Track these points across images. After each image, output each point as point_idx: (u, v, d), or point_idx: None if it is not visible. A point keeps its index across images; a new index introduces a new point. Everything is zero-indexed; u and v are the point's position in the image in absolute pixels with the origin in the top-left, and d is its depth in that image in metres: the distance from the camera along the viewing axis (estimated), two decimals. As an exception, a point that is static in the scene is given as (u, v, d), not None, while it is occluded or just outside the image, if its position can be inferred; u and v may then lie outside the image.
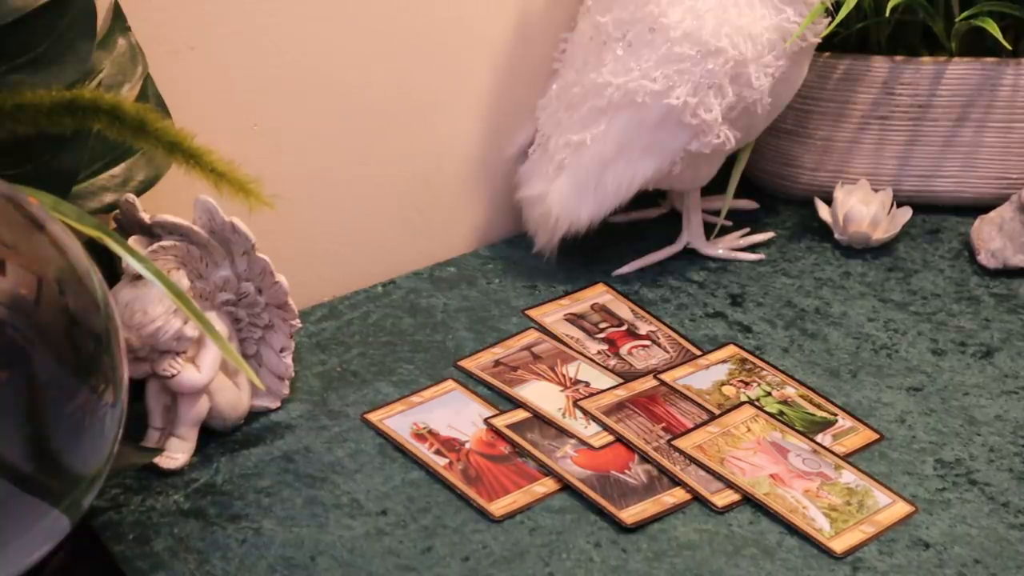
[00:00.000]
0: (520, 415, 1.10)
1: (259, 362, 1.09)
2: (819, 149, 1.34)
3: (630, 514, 1.00)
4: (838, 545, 0.97)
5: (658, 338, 1.19)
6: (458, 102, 1.27)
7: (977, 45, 1.31)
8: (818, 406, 1.11)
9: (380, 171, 1.24)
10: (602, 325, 1.20)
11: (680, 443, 1.06)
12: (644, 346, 1.18)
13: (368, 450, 1.07)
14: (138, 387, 1.04)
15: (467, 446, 1.07)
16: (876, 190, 1.31)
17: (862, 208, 1.28)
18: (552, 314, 1.22)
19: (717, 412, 1.09)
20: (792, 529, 0.99)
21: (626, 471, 1.04)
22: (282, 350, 1.09)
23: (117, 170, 1.02)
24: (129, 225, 1.03)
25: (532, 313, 1.22)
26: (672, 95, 1.17)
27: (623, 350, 1.17)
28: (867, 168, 1.33)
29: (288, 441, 1.07)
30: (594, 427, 1.08)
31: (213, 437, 1.07)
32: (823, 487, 1.02)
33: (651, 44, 1.17)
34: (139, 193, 1.03)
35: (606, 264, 1.28)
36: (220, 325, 1.05)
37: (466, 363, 1.16)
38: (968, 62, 1.30)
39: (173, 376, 1.02)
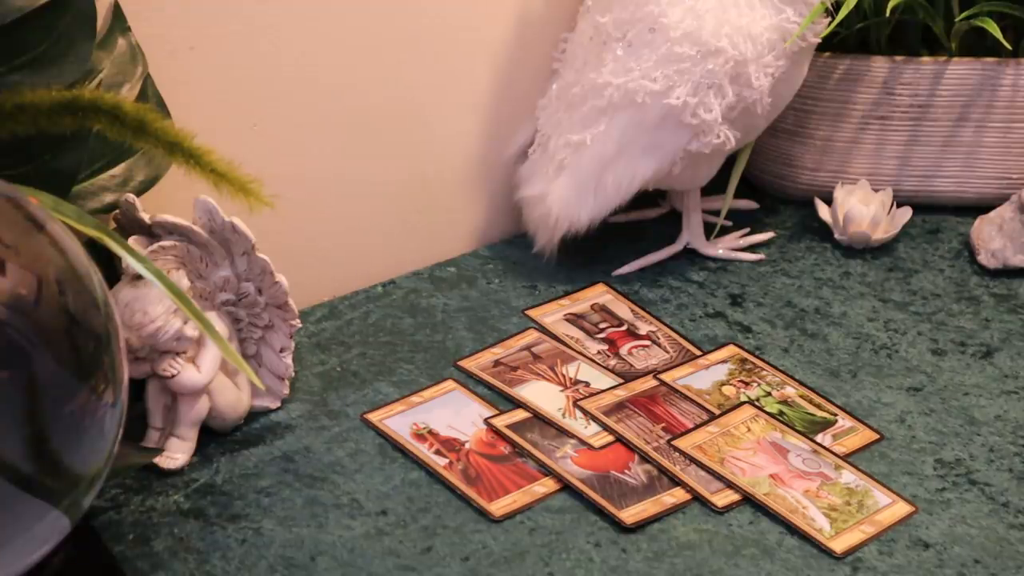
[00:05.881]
0: (520, 415, 1.10)
1: (259, 362, 1.09)
2: (819, 149, 1.34)
3: (630, 514, 1.00)
4: (838, 545, 0.97)
5: (658, 338, 1.19)
6: (458, 102, 1.27)
7: (977, 45, 1.31)
8: (818, 406, 1.11)
9: (380, 171, 1.24)
10: (602, 325, 1.20)
11: (680, 443, 1.06)
12: (644, 346, 1.18)
13: (368, 450, 1.07)
14: (138, 387, 1.04)
15: (467, 446, 1.07)
16: (876, 190, 1.31)
17: (862, 208, 1.28)
18: (552, 314, 1.22)
19: (717, 412, 1.09)
20: (792, 529, 0.99)
21: (626, 471, 1.04)
22: (282, 350, 1.09)
23: (117, 170, 1.02)
24: (129, 225, 1.03)
25: (532, 313, 1.22)
26: (672, 95, 1.17)
27: (623, 350, 1.17)
28: (867, 168, 1.33)
29: (288, 441, 1.07)
30: (594, 427, 1.08)
31: (213, 437, 1.07)
32: (823, 487, 1.02)
33: (651, 44, 1.17)
34: (139, 193, 1.03)
35: (606, 264, 1.28)
36: (220, 325, 1.05)
37: (466, 363, 1.16)
38: (968, 62, 1.30)
39: (173, 376, 1.02)
